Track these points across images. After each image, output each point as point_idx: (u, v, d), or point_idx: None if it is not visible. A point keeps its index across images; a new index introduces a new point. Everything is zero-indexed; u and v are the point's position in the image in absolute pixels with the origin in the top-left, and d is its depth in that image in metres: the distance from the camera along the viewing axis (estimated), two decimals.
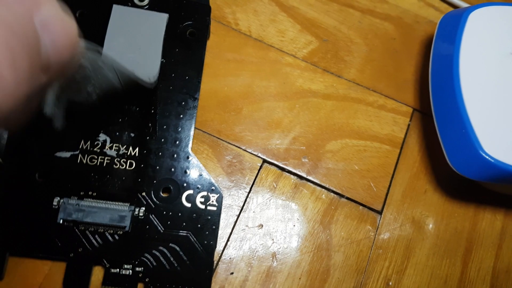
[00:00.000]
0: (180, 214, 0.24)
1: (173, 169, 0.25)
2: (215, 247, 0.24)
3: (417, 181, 0.29)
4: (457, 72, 0.27)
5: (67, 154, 0.24)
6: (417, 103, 0.31)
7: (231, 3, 0.32)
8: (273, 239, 0.26)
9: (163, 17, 0.26)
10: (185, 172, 0.25)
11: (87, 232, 0.23)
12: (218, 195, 0.25)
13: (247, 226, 0.26)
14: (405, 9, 0.34)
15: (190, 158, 0.25)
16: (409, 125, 0.31)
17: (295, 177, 0.28)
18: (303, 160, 0.28)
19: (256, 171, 0.28)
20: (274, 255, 0.26)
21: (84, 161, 0.24)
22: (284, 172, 0.28)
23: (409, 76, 0.32)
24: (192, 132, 0.26)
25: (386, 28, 0.33)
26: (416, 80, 0.32)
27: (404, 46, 0.33)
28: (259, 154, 0.28)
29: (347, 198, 0.28)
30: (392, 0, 0.35)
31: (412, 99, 0.31)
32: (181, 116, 0.26)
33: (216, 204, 0.25)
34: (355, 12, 0.34)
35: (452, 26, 0.29)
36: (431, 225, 0.28)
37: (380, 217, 0.28)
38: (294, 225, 0.27)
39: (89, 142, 0.25)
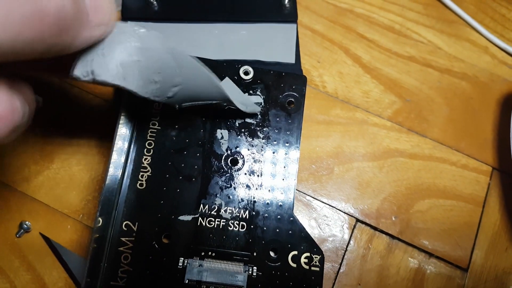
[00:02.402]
0: (287, 274, 0.27)
1: (278, 230, 0.27)
2: None
3: (498, 239, 0.31)
4: None
5: (189, 218, 0.27)
6: (496, 162, 0.33)
7: (318, 66, 0.35)
8: None
9: (259, 99, 0.29)
10: (289, 232, 0.27)
11: None
12: (320, 256, 0.27)
13: (345, 284, 0.28)
14: (480, 67, 0.36)
15: (292, 220, 0.28)
16: (489, 184, 0.32)
17: (387, 237, 0.30)
18: (393, 219, 0.30)
19: (351, 231, 0.30)
20: None
21: (204, 224, 0.27)
22: (377, 232, 0.30)
23: (488, 135, 0.34)
24: (293, 195, 0.28)
25: (463, 87, 0.35)
26: (494, 139, 0.34)
27: (481, 105, 0.35)
28: (353, 214, 0.30)
29: (437, 257, 0.30)
30: (467, 59, 0.36)
31: (492, 158, 0.33)
32: (283, 179, 0.28)
33: (319, 265, 0.27)
34: (434, 72, 0.36)
35: None
36: None
37: (467, 275, 0.30)
38: (389, 284, 0.29)
39: (207, 206, 0.27)
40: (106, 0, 0.19)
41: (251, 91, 0.29)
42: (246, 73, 0.30)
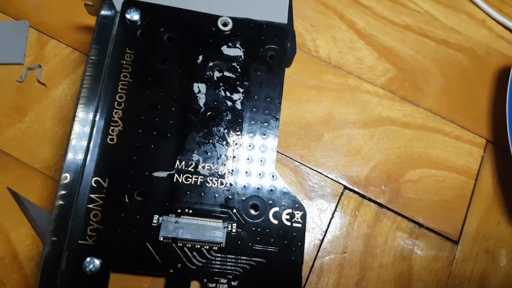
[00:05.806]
0: (267, 230, 0.25)
1: (259, 187, 0.26)
2: (302, 262, 0.25)
3: (491, 212, 0.30)
4: None
5: (164, 174, 0.25)
6: (490, 135, 0.32)
7: (312, 30, 0.33)
8: (356, 266, 0.27)
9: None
10: (271, 190, 0.26)
11: (185, 248, 0.24)
12: (302, 212, 0.26)
13: (330, 252, 0.27)
14: (477, 40, 0.35)
15: (274, 177, 0.26)
16: (483, 156, 0.31)
17: (376, 205, 0.29)
18: (383, 188, 0.29)
19: (338, 198, 0.28)
20: (357, 282, 0.27)
21: (180, 180, 0.25)
22: (365, 200, 0.29)
23: (483, 108, 0.33)
24: (275, 152, 0.27)
25: (460, 59, 0.34)
26: (489, 112, 0.32)
27: (477, 77, 0.34)
28: (340, 181, 0.29)
29: (427, 228, 0.28)
30: (464, 31, 0.35)
31: (486, 130, 0.32)
32: (265, 135, 0.27)
33: (301, 221, 0.25)
34: (430, 42, 0.34)
35: None
36: (504, 256, 0.29)
37: (457, 247, 0.28)
38: (376, 253, 0.27)
39: (183, 162, 0.26)
40: None
41: (230, 44, 0.28)
42: (225, 24, 0.28)
